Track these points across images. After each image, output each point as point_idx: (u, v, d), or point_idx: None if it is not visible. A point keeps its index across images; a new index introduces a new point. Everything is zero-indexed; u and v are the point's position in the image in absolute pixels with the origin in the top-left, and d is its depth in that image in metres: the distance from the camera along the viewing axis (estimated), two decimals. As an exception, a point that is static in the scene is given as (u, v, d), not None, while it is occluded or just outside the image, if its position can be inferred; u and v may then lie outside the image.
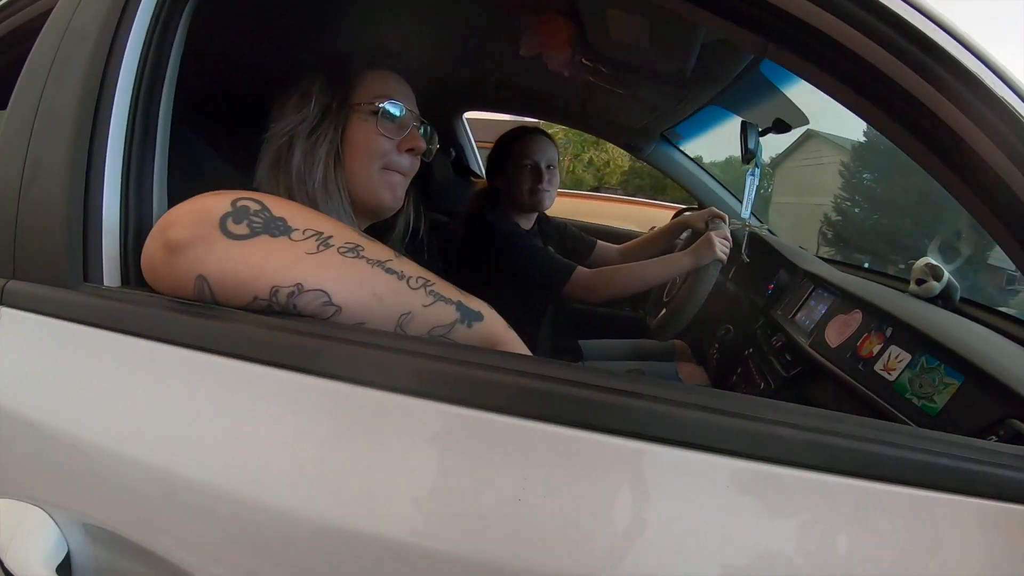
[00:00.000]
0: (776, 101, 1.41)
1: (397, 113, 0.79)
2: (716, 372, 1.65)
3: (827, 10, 0.49)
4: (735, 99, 1.54)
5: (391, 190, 0.81)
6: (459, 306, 0.54)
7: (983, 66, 0.45)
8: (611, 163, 12.58)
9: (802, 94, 1.37)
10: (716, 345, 1.69)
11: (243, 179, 0.79)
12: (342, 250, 0.49)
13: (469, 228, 1.46)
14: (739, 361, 1.55)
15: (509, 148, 1.44)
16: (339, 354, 0.45)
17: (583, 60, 1.29)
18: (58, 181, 0.57)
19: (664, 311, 1.34)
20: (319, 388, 0.45)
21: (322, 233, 0.49)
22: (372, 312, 0.50)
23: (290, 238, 0.48)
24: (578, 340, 1.71)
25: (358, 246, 0.50)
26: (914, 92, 0.47)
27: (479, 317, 0.55)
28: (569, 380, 0.44)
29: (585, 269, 1.33)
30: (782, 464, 0.41)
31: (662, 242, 1.64)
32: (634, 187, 11.31)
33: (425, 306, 0.51)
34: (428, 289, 0.52)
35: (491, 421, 0.43)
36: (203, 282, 0.46)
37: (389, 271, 0.51)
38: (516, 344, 0.57)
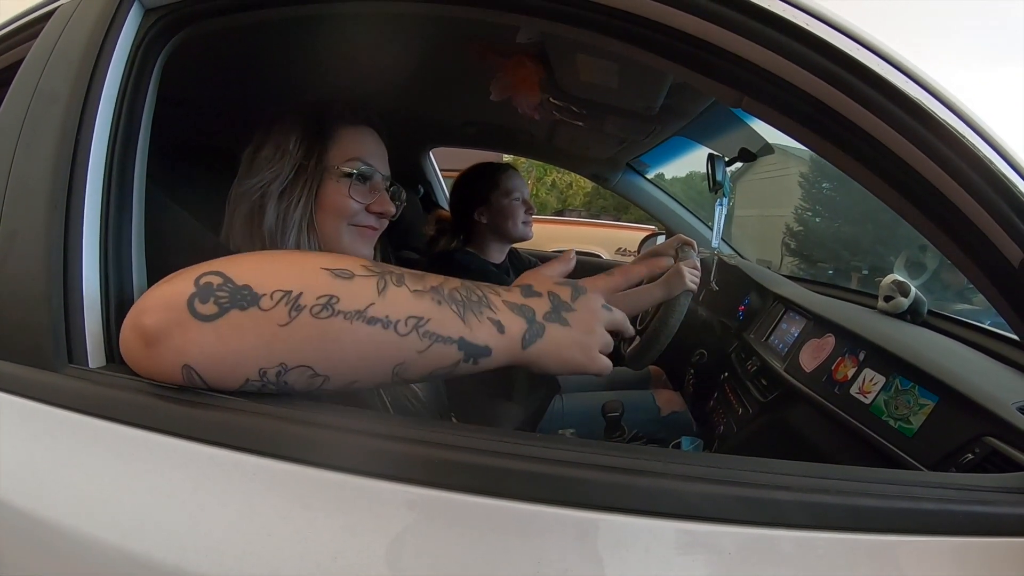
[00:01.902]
0: (741, 131, 1.46)
1: (369, 177, 0.80)
2: (693, 397, 1.66)
3: (803, 67, 0.51)
4: (702, 130, 1.59)
5: (358, 246, 0.80)
6: (461, 343, 0.49)
7: (962, 122, 0.47)
8: (574, 184, 12.70)
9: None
10: (691, 370, 1.70)
11: (217, 238, 0.78)
12: (315, 310, 0.45)
13: (438, 266, 1.45)
14: (715, 386, 1.57)
15: (494, 183, 1.46)
16: (341, 445, 0.45)
17: (552, 99, 1.31)
18: (35, 255, 0.55)
19: (637, 341, 1.35)
20: (325, 480, 0.44)
21: (290, 292, 0.45)
22: (361, 372, 0.47)
23: (260, 307, 0.44)
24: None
25: (331, 298, 0.46)
26: (892, 147, 0.48)
27: (486, 352, 0.50)
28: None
29: None
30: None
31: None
32: (598, 207, 11.49)
33: (420, 352, 0.47)
34: (421, 331, 0.47)
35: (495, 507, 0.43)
36: (191, 372, 0.45)
37: (371, 321, 0.46)
38: (542, 360, 0.53)
